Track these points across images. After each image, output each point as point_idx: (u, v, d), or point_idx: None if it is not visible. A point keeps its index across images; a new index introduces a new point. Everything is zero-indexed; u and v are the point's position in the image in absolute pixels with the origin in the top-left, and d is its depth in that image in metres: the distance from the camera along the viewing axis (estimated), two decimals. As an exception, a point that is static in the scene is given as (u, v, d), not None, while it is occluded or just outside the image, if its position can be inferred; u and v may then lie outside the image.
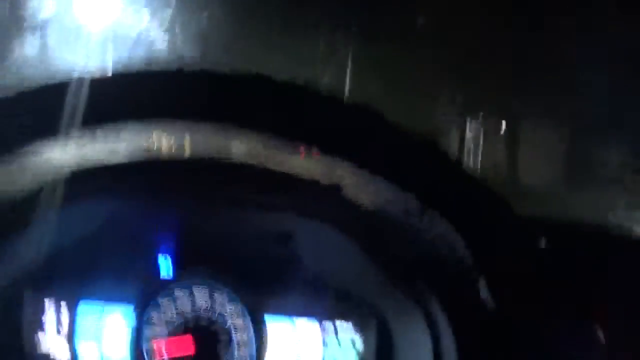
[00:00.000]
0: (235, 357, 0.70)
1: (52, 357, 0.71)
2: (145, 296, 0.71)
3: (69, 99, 0.31)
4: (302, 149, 0.45)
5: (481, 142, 0.43)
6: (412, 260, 0.63)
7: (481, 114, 0.44)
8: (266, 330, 0.70)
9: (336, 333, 0.72)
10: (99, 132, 0.38)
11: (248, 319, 0.70)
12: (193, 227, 0.71)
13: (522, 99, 0.49)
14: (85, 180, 0.58)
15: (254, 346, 0.70)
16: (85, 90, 0.31)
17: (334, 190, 0.60)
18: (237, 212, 0.65)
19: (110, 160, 0.58)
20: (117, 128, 0.36)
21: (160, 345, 0.70)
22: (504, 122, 0.47)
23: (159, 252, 0.71)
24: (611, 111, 0.52)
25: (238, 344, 0.70)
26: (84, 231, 0.69)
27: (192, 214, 0.68)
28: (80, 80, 0.31)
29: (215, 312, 0.71)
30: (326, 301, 0.71)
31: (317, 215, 0.60)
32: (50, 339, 0.71)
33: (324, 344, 0.71)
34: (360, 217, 0.61)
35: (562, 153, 0.53)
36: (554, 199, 0.52)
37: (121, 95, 0.31)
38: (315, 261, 0.69)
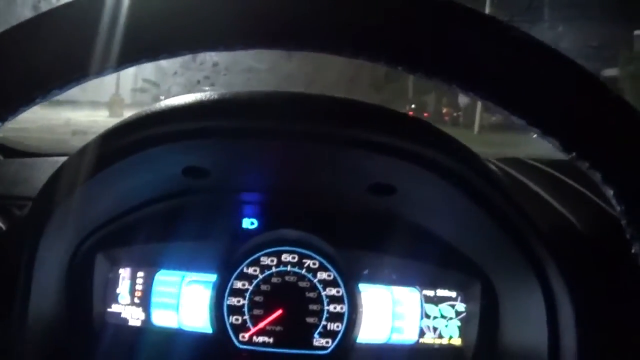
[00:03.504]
0: (327, 330, 0.64)
1: (124, 325, 0.65)
2: (229, 264, 0.64)
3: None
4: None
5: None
6: (533, 217, 0.56)
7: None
8: (361, 301, 0.64)
9: (437, 302, 0.65)
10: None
11: (341, 288, 0.64)
12: (281, 184, 0.64)
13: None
14: (162, 124, 0.52)
15: (347, 319, 0.64)
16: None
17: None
18: (332, 160, 0.58)
19: (189, 101, 0.52)
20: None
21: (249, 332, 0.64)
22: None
23: (244, 214, 0.65)
24: None
25: (330, 316, 0.64)
26: (160, 186, 0.63)
27: (280, 168, 0.62)
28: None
29: (305, 282, 0.64)
30: (427, 266, 0.64)
31: (426, 162, 0.53)
32: (124, 308, 0.66)
33: (425, 314, 0.65)
34: (475, 166, 0.54)
35: None
36: None
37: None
38: (419, 218, 0.63)
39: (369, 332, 0.65)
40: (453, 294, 0.65)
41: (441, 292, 0.65)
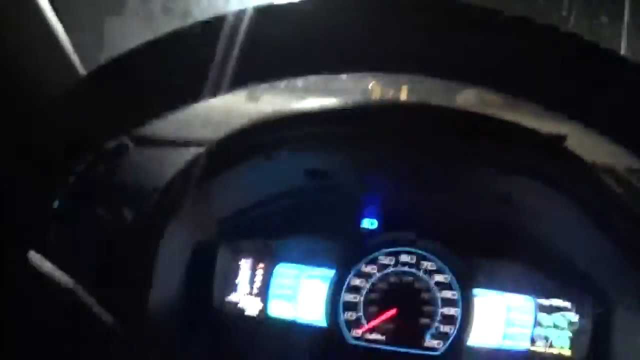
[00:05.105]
0: (439, 331, 0.65)
1: (242, 314, 0.68)
2: (348, 261, 0.66)
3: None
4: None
5: None
6: None
7: None
8: (474, 305, 0.65)
9: (550, 311, 0.66)
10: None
11: (456, 291, 0.65)
12: (402, 187, 0.66)
13: None
14: (288, 128, 0.54)
15: (460, 322, 0.65)
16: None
17: (557, 142, 0.55)
18: (451, 170, 0.60)
19: (314, 107, 0.54)
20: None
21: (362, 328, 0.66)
22: None
23: (364, 214, 0.67)
24: None
25: (443, 318, 0.65)
26: (284, 185, 0.65)
27: (402, 172, 0.63)
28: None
29: (421, 283, 0.66)
30: (543, 277, 0.65)
31: (540, 174, 0.54)
32: (242, 297, 0.68)
33: (537, 322, 0.66)
34: (594, 183, 0.55)
35: None
36: None
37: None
38: (537, 230, 0.64)
39: (481, 337, 0.66)
40: (567, 305, 0.66)
41: (556, 302, 0.66)
